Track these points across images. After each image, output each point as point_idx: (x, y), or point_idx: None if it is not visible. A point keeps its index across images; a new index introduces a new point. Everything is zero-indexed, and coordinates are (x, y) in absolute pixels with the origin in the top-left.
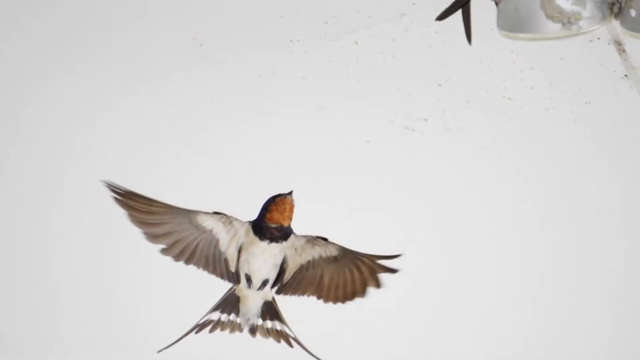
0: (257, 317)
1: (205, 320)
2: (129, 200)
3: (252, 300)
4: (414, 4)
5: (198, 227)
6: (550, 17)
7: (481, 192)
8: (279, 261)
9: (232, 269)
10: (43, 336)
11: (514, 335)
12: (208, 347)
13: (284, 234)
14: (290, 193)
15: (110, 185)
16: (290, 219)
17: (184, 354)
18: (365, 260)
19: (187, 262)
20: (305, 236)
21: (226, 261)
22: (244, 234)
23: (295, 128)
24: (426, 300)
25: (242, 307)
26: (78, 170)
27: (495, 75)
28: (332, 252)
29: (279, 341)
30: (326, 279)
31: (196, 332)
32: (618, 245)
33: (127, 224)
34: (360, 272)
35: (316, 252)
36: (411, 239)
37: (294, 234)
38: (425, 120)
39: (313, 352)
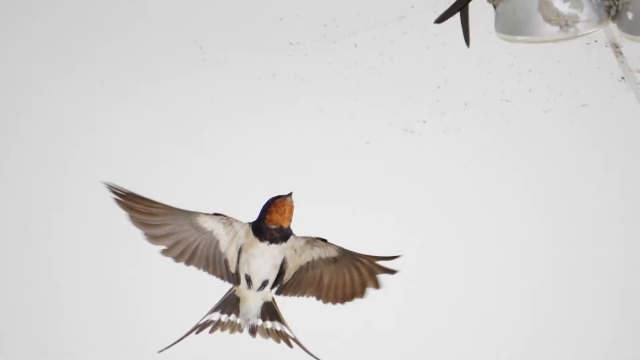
0: (257, 317)
1: (206, 321)
2: (130, 201)
3: (252, 301)
4: (412, 6)
5: (198, 228)
6: (547, 20)
7: (480, 193)
8: (278, 262)
9: (232, 269)
10: (43, 336)
11: (514, 335)
12: (208, 348)
13: (283, 235)
14: (289, 194)
15: (111, 186)
16: (290, 220)
17: (184, 354)
18: (364, 261)
19: (188, 263)
20: (305, 237)
21: (226, 262)
22: (244, 235)
23: (295, 129)
24: (426, 300)
25: (242, 308)
26: (78, 171)
27: (493, 78)
28: (332, 253)
29: (278, 341)
30: (325, 280)
31: (196, 333)
32: (617, 246)
33: (127, 225)
34: (360, 273)
35: (316, 253)
36: (411, 239)
37: (294, 235)
38: (424, 121)
39: (313, 352)
